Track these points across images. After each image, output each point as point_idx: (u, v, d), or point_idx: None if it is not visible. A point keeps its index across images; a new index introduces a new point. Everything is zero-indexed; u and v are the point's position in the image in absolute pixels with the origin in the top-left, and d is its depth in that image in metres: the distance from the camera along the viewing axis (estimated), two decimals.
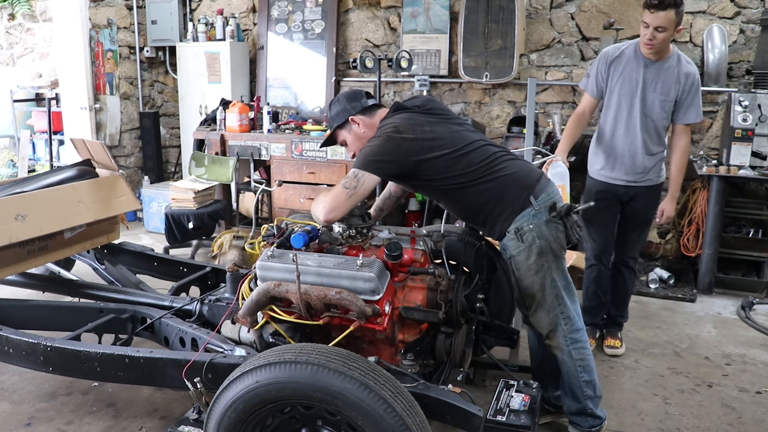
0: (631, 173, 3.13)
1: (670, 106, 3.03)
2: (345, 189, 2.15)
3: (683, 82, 2.98)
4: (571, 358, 2.33)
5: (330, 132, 2.52)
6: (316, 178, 4.90)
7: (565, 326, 2.30)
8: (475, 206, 2.27)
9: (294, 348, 1.83)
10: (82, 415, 2.73)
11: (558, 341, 2.32)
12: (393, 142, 2.18)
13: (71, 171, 3.23)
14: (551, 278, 2.25)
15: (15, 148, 6.37)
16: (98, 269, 3.42)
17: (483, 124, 5.19)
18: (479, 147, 2.25)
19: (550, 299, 2.27)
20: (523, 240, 2.19)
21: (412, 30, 5.32)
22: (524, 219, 2.19)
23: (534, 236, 2.19)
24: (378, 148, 2.19)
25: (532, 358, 2.63)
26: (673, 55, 3.01)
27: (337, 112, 2.43)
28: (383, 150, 2.18)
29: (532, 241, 2.19)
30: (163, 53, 6.39)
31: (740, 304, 3.99)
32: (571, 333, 2.32)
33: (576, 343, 2.33)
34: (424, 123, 2.25)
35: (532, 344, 2.60)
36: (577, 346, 2.33)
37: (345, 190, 2.15)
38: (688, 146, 3.14)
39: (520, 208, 2.20)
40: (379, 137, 2.22)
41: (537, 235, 2.19)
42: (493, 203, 2.23)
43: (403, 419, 1.67)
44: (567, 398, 2.44)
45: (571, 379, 2.37)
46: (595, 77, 3.15)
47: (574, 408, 2.42)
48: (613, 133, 3.14)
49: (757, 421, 2.72)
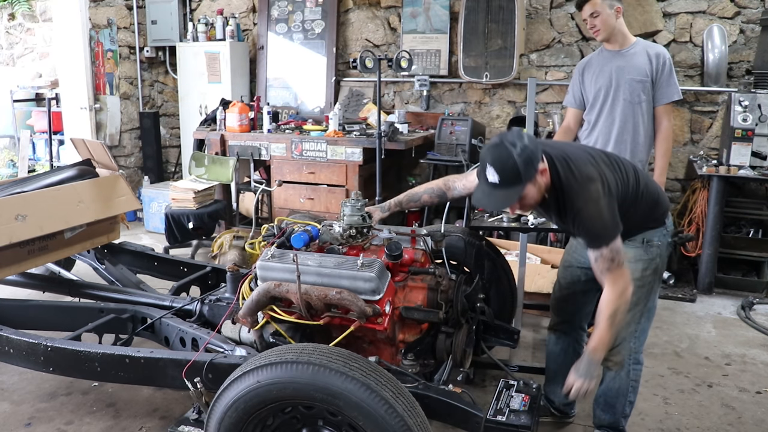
0: None
1: (649, 87, 3.12)
2: (620, 267, 1.95)
3: (655, 62, 3.11)
4: (628, 377, 2.30)
5: (510, 190, 1.90)
6: (316, 178, 4.90)
7: (633, 345, 2.27)
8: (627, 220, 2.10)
9: (295, 348, 1.83)
10: (82, 415, 2.73)
11: (621, 357, 2.25)
12: (612, 201, 1.97)
13: (71, 171, 3.22)
14: (648, 296, 2.22)
15: (15, 148, 6.37)
16: (98, 269, 3.42)
17: (483, 124, 5.19)
18: (627, 167, 2.13)
19: (635, 315, 2.22)
20: (647, 252, 2.17)
21: (412, 30, 5.32)
22: (656, 234, 2.17)
23: (658, 253, 2.18)
24: (608, 210, 1.94)
25: (550, 361, 2.61)
26: (637, 42, 3.20)
27: (527, 161, 1.86)
28: (611, 209, 1.95)
29: (654, 256, 2.17)
30: (163, 53, 6.39)
31: (740, 304, 3.99)
32: (636, 353, 2.29)
33: (637, 364, 2.31)
34: (603, 166, 2.04)
35: (553, 349, 2.57)
36: (637, 368, 2.32)
37: (621, 267, 1.95)
38: (669, 129, 3.20)
39: (658, 224, 2.18)
40: (593, 199, 1.93)
41: (660, 252, 2.18)
42: (640, 215, 2.16)
43: (404, 419, 1.67)
44: (600, 410, 2.40)
45: (618, 395, 2.33)
46: (572, 89, 3.35)
47: (606, 422, 2.39)
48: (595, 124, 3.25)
49: (757, 421, 2.72)
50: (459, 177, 2.48)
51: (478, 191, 1.96)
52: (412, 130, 5.10)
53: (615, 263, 1.93)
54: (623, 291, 1.96)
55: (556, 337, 2.56)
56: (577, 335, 2.55)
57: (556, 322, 2.55)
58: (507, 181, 1.86)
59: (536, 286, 3.74)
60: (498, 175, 1.85)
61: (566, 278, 2.50)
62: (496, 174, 1.86)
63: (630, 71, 3.12)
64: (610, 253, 1.92)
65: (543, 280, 3.78)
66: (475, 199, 1.96)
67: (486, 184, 1.90)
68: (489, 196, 1.91)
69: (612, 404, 2.35)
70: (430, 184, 2.53)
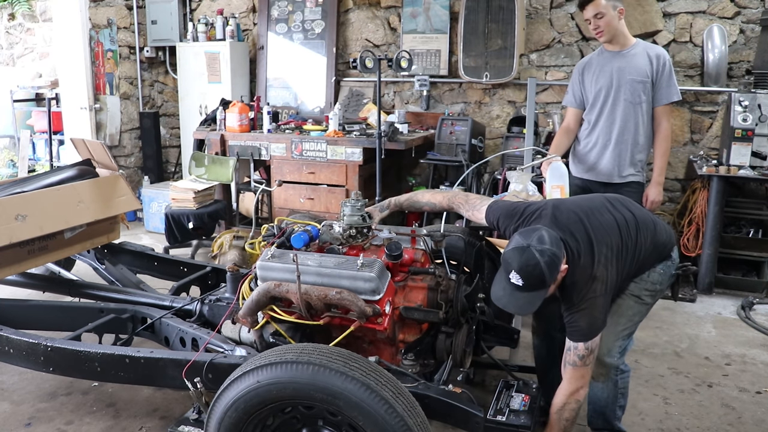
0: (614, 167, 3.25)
1: (649, 88, 3.13)
2: (585, 366, 2.01)
3: (655, 63, 3.12)
4: (615, 387, 2.31)
5: (534, 293, 1.90)
6: (316, 178, 4.90)
7: (618, 360, 2.26)
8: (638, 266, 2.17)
9: (295, 348, 1.83)
10: (82, 415, 2.73)
11: (606, 369, 2.26)
12: (607, 298, 2.01)
13: (71, 171, 3.22)
14: (641, 315, 2.24)
15: (15, 148, 6.37)
16: (98, 269, 3.42)
17: (483, 124, 5.19)
18: (635, 230, 2.11)
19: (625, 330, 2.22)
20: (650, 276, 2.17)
21: (412, 30, 5.32)
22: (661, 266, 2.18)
23: (659, 280, 2.18)
24: (601, 310, 1.98)
25: (539, 366, 2.61)
26: (637, 43, 3.20)
27: (552, 267, 1.87)
28: (604, 308, 2.00)
29: (655, 282, 2.18)
30: (163, 53, 6.39)
31: (740, 304, 3.99)
32: (622, 365, 2.30)
33: (623, 373, 2.32)
34: (608, 259, 2.02)
35: (540, 353, 2.57)
36: (624, 376, 2.33)
37: (585, 367, 2.01)
38: (669, 129, 3.22)
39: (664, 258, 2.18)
40: (591, 299, 1.96)
41: (661, 280, 2.19)
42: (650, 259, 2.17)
43: (404, 420, 1.67)
44: (592, 416, 2.41)
45: (607, 404, 2.34)
46: (572, 88, 3.35)
47: (601, 425, 2.40)
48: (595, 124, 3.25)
49: (757, 421, 2.72)
50: (464, 203, 2.42)
51: (498, 288, 1.95)
52: (412, 130, 5.10)
53: (582, 361, 1.99)
54: (578, 391, 2.02)
55: (539, 340, 2.56)
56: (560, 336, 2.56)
57: (537, 325, 2.54)
58: (531, 286, 1.87)
59: None
60: (523, 280, 1.86)
61: None
62: (521, 279, 1.86)
63: (631, 72, 3.13)
64: (585, 351, 1.98)
65: None
66: (495, 297, 1.95)
67: (507, 282, 1.90)
68: (511, 297, 1.91)
69: (602, 412, 2.36)
70: (433, 198, 2.51)
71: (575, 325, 1.99)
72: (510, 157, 4.51)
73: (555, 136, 3.46)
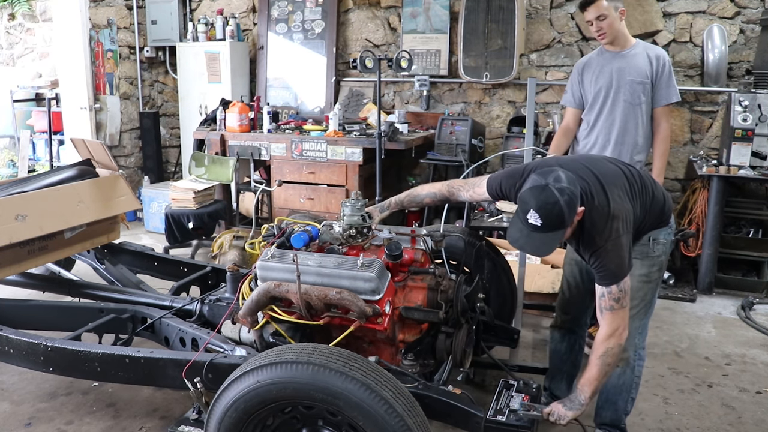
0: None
1: (649, 89, 3.13)
2: (622, 308, 1.96)
3: (655, 63, 3.13)
4: (633, 373, 2.31)
5: (552, 235, 1.86)
6: (316, 178, 4.90)
7: (638, 341, 2.28)
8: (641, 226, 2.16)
9: (295, 348, 1.83)
10: (82, 415, 2.73)
11: (628, 354, 2.26)
12: (629, 237, 1.98)
13: (71, 171, 3.22)
14: (652, 292, 2.25)
15: (15, 148, 6.37)
16: (98, 269, 3.42)
17: (483, 124, 5.19)
18: (646, 180, 2.16)
19: (640, 311, 2.23)
20: (654, 249, 2.18)
21: (412, 30, 5.32)
22: (662, 233, 2.18)
23: (663, 251, 2.20)
24: (626, 249, 1.95)
25: (554, 359, 2.62)
26: (637, 44, 3.21)
27: (571, 207, 1.84)
28: (628, 247, 1.97)
29: (660, 254, 2.19)
30: (163, 53, 6.39)
31: (740, 304, 3.99)
32: (640, 349, 2.30)
33: (641, 360, 2.32)
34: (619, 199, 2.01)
35: (557, 347, 2.58)
36: (641, 363, 2.33)
37: (623, 309, 1.96)
38: (668, 130, 3.22)
39: (664, 224, 2.19)
40: (614, 238, 1.93)
41: (665, 250, 2.20)
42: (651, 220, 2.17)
43: (404, 419, 1.67)
44: (602, 408, 2.40)
45: (621, 392, 2.33)
46: (571, 88, 3.35)
47: (609, 419, 2.40)
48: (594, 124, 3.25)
49: (757, 421, 2.72)
50: (464, 185, 2.42)
51: (514, 230, 1.91)
52: (412, 130, 5.10)
53: (619, 303, 1.95)
54: (619, 332, 1.97)
55: (560, 334, 2.57)
56: (582, 332, 2.59)
57: (563, 320, 2.56)
58: (550, 226, 1.82)
59: (536, 286, 3.74)
60: (542, 219, 1.82)
61: (573, 275, 2.51)
62: (539, 219, 1.82)
63: (630, 72, 3.13)
64: (619, 293, 1.94)
65: (543, 280, 3.78)
66: (512, 239, 1.91)
67: (524, 224, 1.85)
68: (528, 238, 1.86)
69: (614, 401, 2.36)
70: (432, 188, 2.49)
71: (604, 269, 1.94)
72: (510, 157, 4.51)
73: (554, 137, 3.46)
